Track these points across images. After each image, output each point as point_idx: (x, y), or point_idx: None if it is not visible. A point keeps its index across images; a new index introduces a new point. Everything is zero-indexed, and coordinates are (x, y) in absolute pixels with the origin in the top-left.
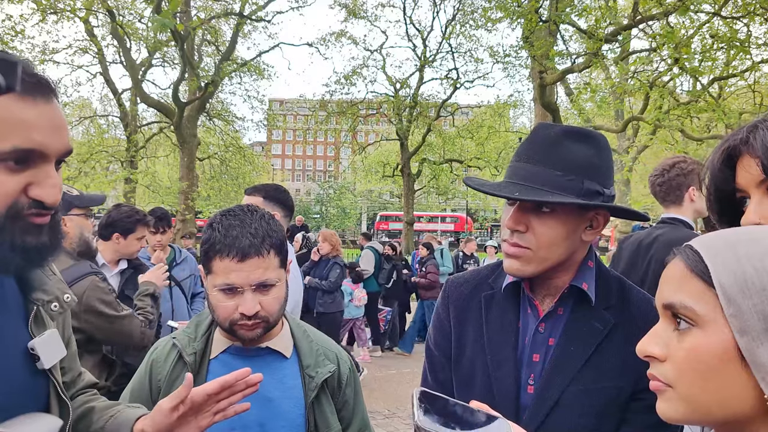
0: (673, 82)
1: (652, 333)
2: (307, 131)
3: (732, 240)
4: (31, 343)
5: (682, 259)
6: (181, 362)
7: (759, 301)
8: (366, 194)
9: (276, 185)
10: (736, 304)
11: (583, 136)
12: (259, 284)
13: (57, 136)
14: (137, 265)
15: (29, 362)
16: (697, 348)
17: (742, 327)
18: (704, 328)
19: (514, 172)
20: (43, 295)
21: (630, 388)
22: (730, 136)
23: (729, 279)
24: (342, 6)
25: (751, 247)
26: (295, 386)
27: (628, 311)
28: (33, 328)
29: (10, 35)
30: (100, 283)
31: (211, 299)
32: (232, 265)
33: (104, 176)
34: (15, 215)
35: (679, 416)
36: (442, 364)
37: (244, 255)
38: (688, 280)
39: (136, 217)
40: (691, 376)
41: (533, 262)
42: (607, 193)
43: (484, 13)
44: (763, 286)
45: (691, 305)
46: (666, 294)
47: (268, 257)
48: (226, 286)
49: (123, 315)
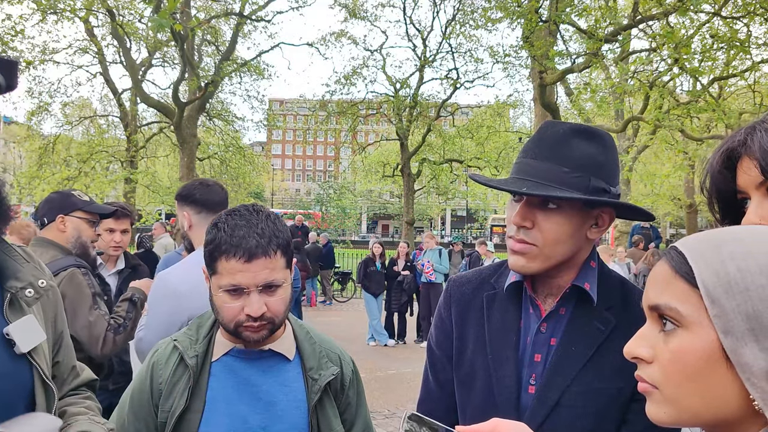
0: (673, 82)
1: (639, 335)
2: (307, 131)
3: (716, 241)
4: (6, 329)
5: (667, 261)
6: (182, 365)
7: (742, 302)
8: (366, 194)
9: (189, 182)
10: (719, 304)
11: (591, 134)
12: (266, 285)
13: None
14: (135, 265)
15: (7, 348)
16: (682, 349)
17: (726, 327)
18: (689, 329)
19: (521, 168)
20: (16, 282)
21: (630, 389)
22: (729, 138)
23: (713, 280)
24: (342, 6)
25: (735, 247)
26: (298, 389)
27: (630, 312)
28: (8, 315)
29: (10, 35)
30: (78, 276)
31: (215, 300)
32: (238, 266)
33: (104, 176)
34: None
35: (666, 418)
36: (443, 364)
37: (251, 255)
38: (673, 281)
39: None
40: (677, 377)
41: (538, 259)
42: (613, 191)
43: (484, 13)
44: (746, 286)
45: (675, 306)
46: (652, 295)
47: (274, 258)
48: (232, 287)
49: (92, 317)
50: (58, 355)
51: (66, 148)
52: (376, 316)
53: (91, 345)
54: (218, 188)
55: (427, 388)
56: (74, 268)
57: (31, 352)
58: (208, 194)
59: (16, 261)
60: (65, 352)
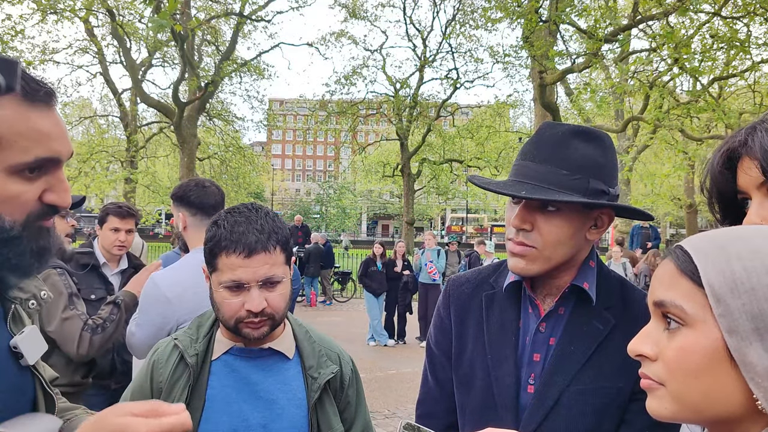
0: (673, 82)
1: (644, 332)
2: (307, 131)
3: (722, 240)
4: (13, 341)
5: (672, 260)
6: (182, 364)
7: (748, 301)
8: (366, 194)
9: (184, 182)
10: (725, 303)
11: (589, 135)
12: (266, 280)
13: (66, 141)
14: (138, 265)
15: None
16: (686, 347)
17: (730, 327)
18: (694, 327)
19: (520, 170)
20: (20, 293)
21: (629, 388)
22: (730, 138)
23: (718, 279)
24: (342, 6)
25: (741, 246)
26: (298, 388)
27: (629, 311)
28: (12, 326)
29: (10, 35)
30: (54, 276)
31: (215, 297)
32: (238, 261)
33: (104, 176)
34: (31, 222)
35: (668, 414)
36: (443, 364)
37: (251, 251)
38: (678, 280)
39: None
40: (681, 375)
41: (538, 261)
42: (612, 192)
43: (484, 13)
44: (752, 285)
45: (681, 304)
46: (657, 293)
47: (274, 253)
48: (233, 282)
49: (65, 315)
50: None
51: None
52: (376, 317)
53: (67, 344)
54: (214, 189)
55: (426, 388)
56: (50, 269)
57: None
58: (204, 196)
59: None
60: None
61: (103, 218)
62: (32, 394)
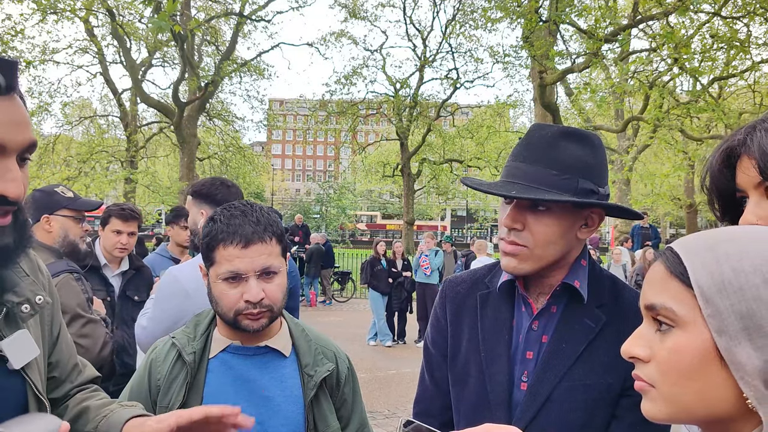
0: (673, 82)
1: (636, 334)
2: (307, 131)
3: (711, 241)
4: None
5: (663, 262)
6: (180, 361)
7: (736, 301)
8: (366, 194)
9: (207, 180)
10: (713, 304)
11: (578, 136)
12: (263, 270)
13: (16, 131)
14: (139, 267)
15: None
16: (678, 348)
17: (720, 327)
18: (684, 328)
19: (511, 171)
20: (13, 296)
21: (619, 384)
22: (729, 137)
23: (707, 280)
24: (342, 6)
25: (729, 247)
26: (294, 385)
27: (620, 309)
28: (3, 329)
29: (10, 35)
30: (72, 281)
31: (214, 291)
32: (236, 252)
33: (104, 176)
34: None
35: (663, 416)
36: (439, 363)
37: (248, 241)
38: (668, 281)
39: None
40: (673, 376)
41: (530, 260)
42: (602, 191)
43: (484, 13)
44: (740, 286)
45: (671, 306)
46: (648, 295)
47: (270, 243)
48: (231, 273)
49: (92, 318)
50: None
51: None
52: (382, 316)
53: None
54: (237, 190)
55: (423, 386)
56: (67, 273)
57: (25, 368)
58: (228, 195)
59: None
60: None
61: (105, 219)
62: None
